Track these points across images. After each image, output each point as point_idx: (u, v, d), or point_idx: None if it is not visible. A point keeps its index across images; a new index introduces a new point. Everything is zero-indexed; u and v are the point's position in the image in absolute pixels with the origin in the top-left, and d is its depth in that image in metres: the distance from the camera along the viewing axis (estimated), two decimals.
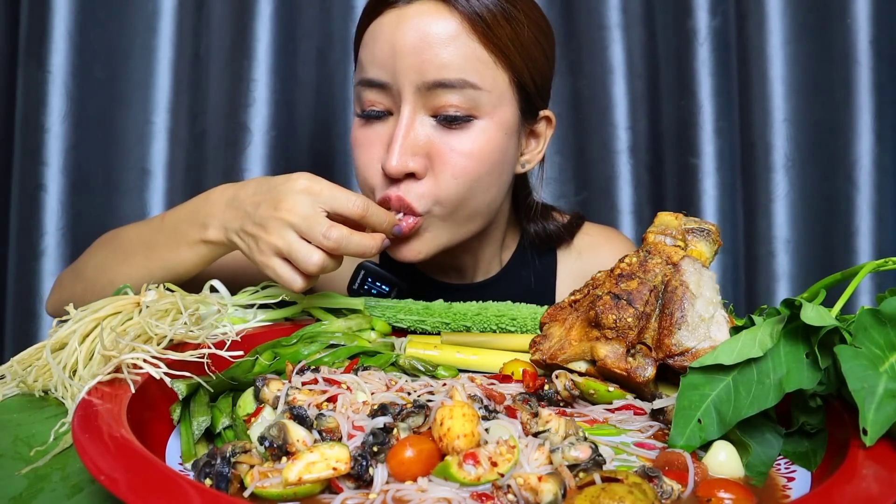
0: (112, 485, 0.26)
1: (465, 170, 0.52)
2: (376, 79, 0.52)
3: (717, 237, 0.45)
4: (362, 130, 0.54)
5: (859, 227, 0.97)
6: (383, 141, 0.52)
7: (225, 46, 0.97)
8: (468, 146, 0.52)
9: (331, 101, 1.02)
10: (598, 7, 0.98)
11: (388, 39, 0.51)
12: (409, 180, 0.52)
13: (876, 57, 0.96)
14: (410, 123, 0.51)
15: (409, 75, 0.50)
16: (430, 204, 0.52)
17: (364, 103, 0.53)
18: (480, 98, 0.51)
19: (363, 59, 0.54)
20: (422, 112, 0.52)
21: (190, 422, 0.36)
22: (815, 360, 0.34)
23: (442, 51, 0.50)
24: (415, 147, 0.51)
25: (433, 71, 0.50)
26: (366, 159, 0.53)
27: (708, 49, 0.95)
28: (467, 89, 0.51)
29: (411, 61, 0.50)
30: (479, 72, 0.51)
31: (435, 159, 0.51)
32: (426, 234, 0.53)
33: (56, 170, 0.93)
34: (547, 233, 0.65)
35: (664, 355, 0.40)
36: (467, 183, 0.52)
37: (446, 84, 0.50)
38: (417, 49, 0.50)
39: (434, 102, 0.51)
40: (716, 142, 0.96)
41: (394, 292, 0.57)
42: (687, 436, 0.34)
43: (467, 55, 0.51)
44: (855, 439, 0.32)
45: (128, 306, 0.43)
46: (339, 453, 0.30)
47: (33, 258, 0.93)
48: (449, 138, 0.52)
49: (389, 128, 0.53)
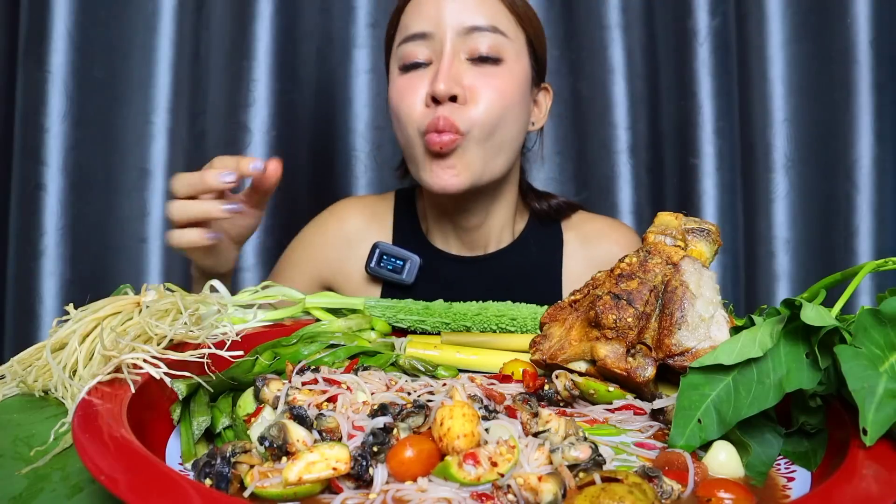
0: (112, 485, 0.26)
1: (498, 100, 0.62)
2: (421, 30, 0.62)
3: (717, 237, 0.45)
4: (405, 79, 0.64)
5: (859, 227, 0.97)
6: (424, 84, 0.62)
7: (225, 47, 0.97)
8: (498, 81, 0.62)
9: (331, 102, 1.02)
10: (599, 7, 0.98)
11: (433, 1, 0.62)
12: (451, 104, 0.61)
13: (876, 57, 0.96)
14: (451, 59, 0.61)
15: (451, 21, 0.62)
16: (469, 124, 0.61)
17: (406, 57, 0.63)
18: (506, 45, 0.63)
19: (407, 22, 0.64)
20: (460, 54, 0.62)
21: (190, 422, 0.36)
22: (815, 360, 0.34)
23: (477, 5, 0.62)
24: (456, 77, 0.61)
25: (470, 18, 0.62)
26: (410, 101, 0.62)
27: (708, 49, 0.95)
28: (497, 35, 0.62)
29: (452, 10, 0.62)
30: (505, 24, 0.63)
31: (472, 90, 0.62)
32: (463, 158, 0.62)
33: (56, 169, 0.93)
34: (551, 206, 0.74)
35: (664, 355, 0.40)
36: (499, 111, 0.62)
37: (481, 28, 0.62)
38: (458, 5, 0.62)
39: (470, 45, 0.62)
40: (715, 142, 0.96)
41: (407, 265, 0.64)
42: (687, 436, 0.34)
43: (496, 10, 0.63)
44: (855, 439, 0.32)
45: (128, 306, 0.43)
46: (339, 453, 0.30)
47: (33, 258, 0.93)
48: (483, 74, 0.62)
49: (430, 72, 0.62)
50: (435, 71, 0.61)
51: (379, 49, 1.01)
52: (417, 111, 0.62)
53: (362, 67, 1.01)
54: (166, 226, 0.98)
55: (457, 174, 0.61)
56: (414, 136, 0.62)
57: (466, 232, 0.70)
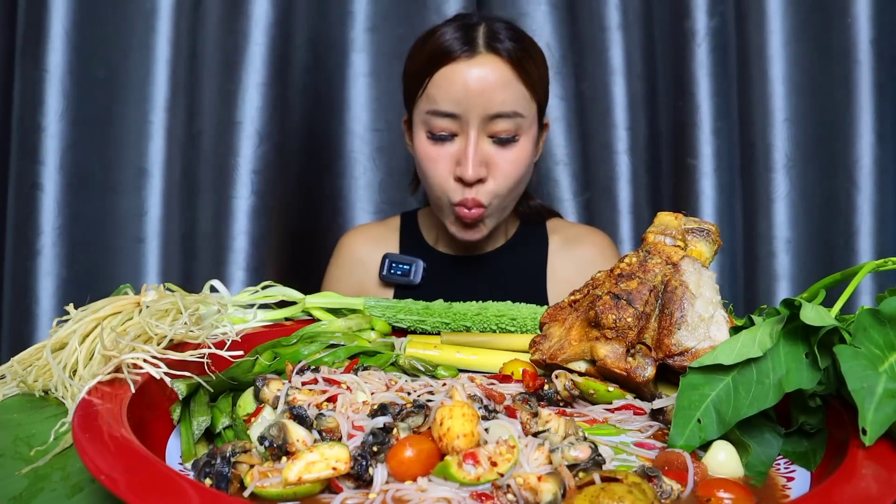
0: (112, 484, 0.26)
1: (514, 174, 0.73)
2: (450, 111, 0.71)
3: (716, 237, 0.45)
4: (433, 149, 0.73)
5: (860, 227, 0.97)
6: (451, 156, 0.73)
7: (223, 45, 0.97)
8: (515, 157, 0.73)
9: (330, 105, 1.02)
10: (600, 9, 0.98)
11: (461, 82, 0.70)
12: (478, 184, 0.72)
13: (877, 56, 0.96)
14: (476, 143, 0.71)
15: (477, 109, 0.70)
16: (491, 198, 0.73)
17: (435, 128, 0.73)
18: (522, 123, 0.73)
19: (436, 95, 0.72)
20: (482, 134, 0.72)
21: (190, 422, 0.36)
22: (815, 360, 0.34)
23: (501, 93, 0.71)
24: (481, 160, 0.72)
25: (495, 106, 0.71)
26: (440, 171, 0.73)
27: (706, 50, 0.95)
28: (516, 118, 0.72)
29: (479, 100, 0.70)
30: (522, 105, 0.72)
31: (493, 168, 0.72)
32: (486, 221, 0.75)
33: (53, 169, 0.93)
34: (532, 208, 0.86)
35: (664, 355, 0.40)
36: (514, 182, 0.74)
37: (503, 115, 0.71)
38: (484, 91, 0.70)
39: (492, 128, 0.71)
40: (713, 142, 0.96)
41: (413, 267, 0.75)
42: (686, 436, 0.34)
43: (516, 94, 0.72)
44: (854, 439, 0.32)
45: (128, 306, 0.43)
46: (338, 453, 0.30)
47: (30, 257, 0.93)
48: (502, 153, 0.73)
49: (455, 146, 0.73)
50: (462, 150, 0.71)
51: (378, 53, 1.01)
52: (447, 182, 0.73)
53: (360, 71, 1.01)
54: (164, 225, 0.98)
55: (478, 231, 0.76)
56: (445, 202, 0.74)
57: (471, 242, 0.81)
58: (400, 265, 0.79)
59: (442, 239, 0.83)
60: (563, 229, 0.86)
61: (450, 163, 0.72)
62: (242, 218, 0.94)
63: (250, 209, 0.94)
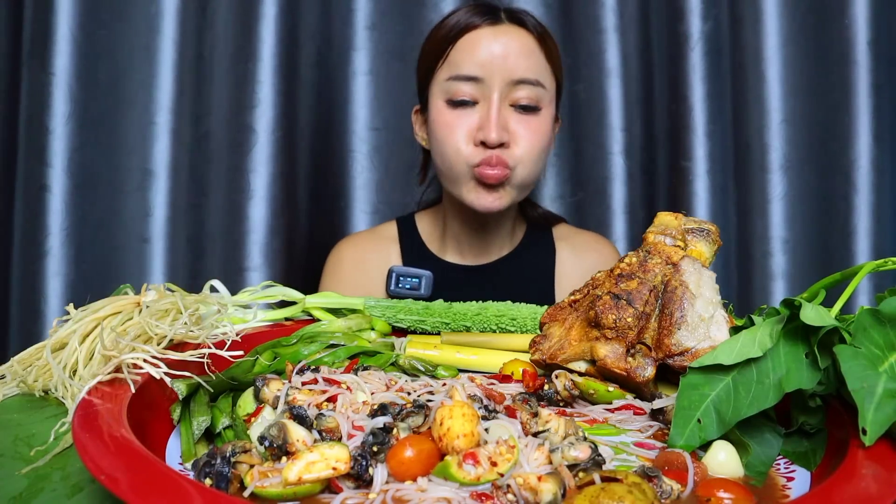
0: (112, 484, 0.26)
1: (537, 143, 0.72)
2: (473, 74, 0.69)
3: (716, 237, 0.45)
4: (452, 115, 0.71)
5: (857, 227, 0.97)
6: (471, 122, 0.70)
7: (229, 48, 0.97)
8: (536, 126, 0.72)
9: (331, 103, 1.02)
10: (596, 11, 0.98)
11: (486, 46, 0.69)
12: (500, 148, 0.70)
13: (874, 58, 0.96)
14: (499, 107, 0.69)
15: (502, 73, 0.69)
16: (515, 162, 0.71)
17: (456, 94, 0.71)
18: (543, 95, 0.72)
19: (458, 60, 0.70)
20: (504, 101, 0.70)
21: (190, 422, 0.36)
22: (815, 360, 0.34)
23: (525, 59, 0.70)
24: (504, 124, 0.70)
25: (519, 72, 0.70)
26: (458, 136, 0.71)
27: (699, 53, 0.96)
28: (538, 87, 0.71)
29: (504, 63, 0.69)
30: (544, 76, 0.72)
31: (514, 135, 0.71)
32: (506, 189, 0.72)
33: (60, 171, 0.94)
34: (540, 214, 0.85)
35: (664, 355, 0.40)
36: (538, 152, 0.72)
37: (526, 81, 0.70)
38: (508, 55, 0.69)
39: (514, 95, 0.70)
40: (707, 145, 0.96)
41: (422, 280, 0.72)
42: (686, 436, 0.34)
43: (539, 64, 0.72)
44: (854, 439, 0.32)
45: (128, 306, 0.43)
46: (338, 453, 0.30)
47: (37, 258, 0.93)
48: (524, 121, 0.71)
49: (476, 112, 0.71)
50: (485, 115, 0.70)
51: (377, 51, 1.01)
52: (466, 147, 0.71)
53: (361, 69, 1.01)
54: (170, 226, 0.98)
55: (499, 198, 0.72)
56: (462, 167, 0.71)
57: (477, 241, 0.80)
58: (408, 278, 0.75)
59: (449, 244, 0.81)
60: (571, 237, 0.84)
61: (469, 129, 0.70)
62: (249, 218, 0.94)
63: (258, 209, 0.94)
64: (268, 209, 0.95)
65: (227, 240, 0.95)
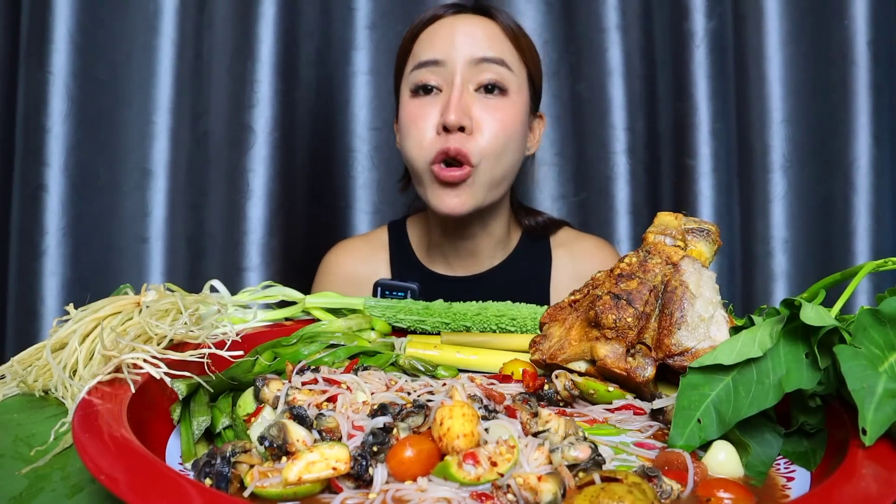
0: (112, 484, 0.26)
1: (502, 130, 0.67)
2: (433, 58, 0.67)
3: (716, 237, 0.45)
4: (416, 105, 0.68)
5: (856, 227, 0.97)
6: (435, 112, 0.67)
7: (228, 47, 0.97)
8: (503, 113, 0.67)
9: (330, 103, 1.02)
10: (598, 9, 0.98)
11: (447, 33, 0.68)
12: (460, 134, 0.65)
13: (873, 58, 0.96)
14: (461, 90, 0.66)
15: (462, 52, 0.67)
16: (479, 157, 0.66)
17: (417, 81, 0.68)
18: (510, 78, 0.68)
19: (420, 50, 0.68)
20: (468, 84, 0.67)
21: (190, 422, 0.36)
22: (815, 360, 0.34)
23: (487, 40, 0.68)
24: (466, 108, 0.66)
25: (480, 50, 0.67)
26: (420, 126, 0.67)
27: (704, 51, 0.96)
28: (503, 67, 0.68)
29: (464, 41, 0.67)
30: (510, 58, 0.69)
31: (479, 121, 0.66)
32: (471, 188, 0.67)
33: (57, 170, 0.93)
34: (538, 223, 0.81)
35: (664, 355, 0.40)
36: (503, 141, 0.67)
37: (489, 59, 0.67)
38: (469, 38, 0.67)
39: (478, 76, 0.67)
40: (712, 143, 0.96)
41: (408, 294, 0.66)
42: (686, 436, 0.34)
43: (503, 47, 0.69)
44: (854, 439, 0.32)
45: (128, 306, 0.43)
46: (338, 453, 0.30)
47: (34, 258, 0.93)
48: (489, 106, 0.67)
49: (439, 100, 0.67)
50: (446, 100, 0.66)
51: (377, 50, 1.01)
52: (427, 139, 0.67)
53: (361, 69, 1.01)
54: (168, 225, 0.98)
55: (462, 202, 0.67)
56: (423, 163, 0.67)
57: (464, 250, 0.75)
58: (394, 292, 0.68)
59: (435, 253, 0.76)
60: (571, 243, 0.80)
61: (433, 119, 0.66)
62: (248, 217, 0.94)
63: (256, 208, 0.94)
64: (266, 209, 0.95)
65: (225, 240, 0.95)
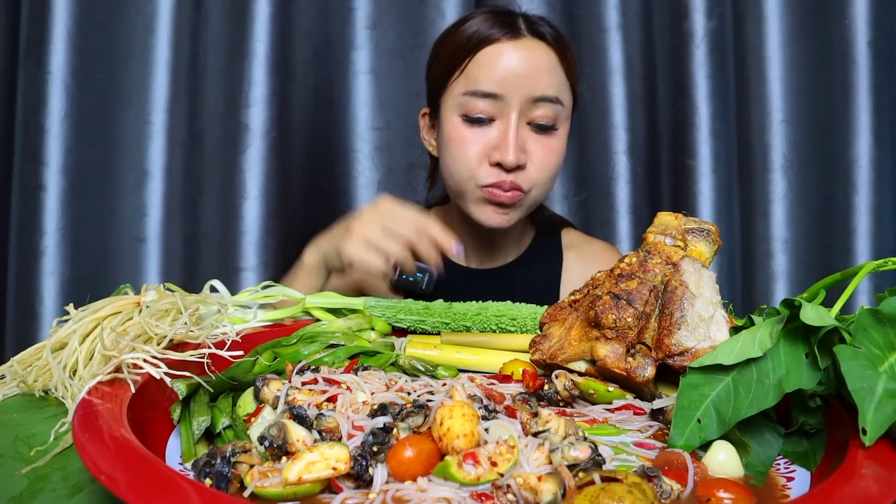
0: (112, 484, 0.26)
1: (552, 164, 0.71)
2: (492, 91, 0.67)
3: (716, 237, 0.45)
4: (468, 131, 0.69)
5: (857, 227, 0.97)
6: (486, 140, 0.68)
7: (224, 48, 0.97)
8: (553, 146, 0.70)
9: (330, 103, 1.02)
10: (599, 9, 0.98)
11: (506, 62, 0.67)
12: (516, 170, 0.68)
13: (874, 58, 0.96)
14: (517, 127, 0.68)
15: (522, 91, 0.67)
16: (530, 186, 0.70)
17: (472, 110, 0.68)
18: (561, 112, 0.70)
19: (477, 75, 0.68)
20: (522, 119, 0.68)
21: (190, 422, 0.36)
22: (815, 360, 0.34)
23: (546, 76, 0.68)
24: (521, 145, 0.68)
25: (540, 89, 0.68)
26: (472, 154, 0.69)
27: (704, 51, 0.96)
28: (557, 105, 0.69)
29: (524, 81, 0.67)
30: (563, 93, 0.70)
31: (532, 156, 0.69)
32: (517, 209, 0.71)
33: (56, 170, 0.93)
34: (546, 217, 0.84)
35: (664, 355, 0.40)
36: (551, 173, 0.71)
37: (546, 99, 0.68)
38: (530, 73, 0.67)
39: (533, 113, 0.69)
40: (712, 143, 0.96)
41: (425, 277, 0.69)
42: (686, 436, 0.34)
43: (559, 81, 0.70)
44: (854, 439, 0.32)
45: (128, 306, 0.43)
46: (338, 453, 0.30)
47: (33, 258, 0.93)
48: (541, 141, 0.70)
49: (492, 130, 0.69)
50: (502, 135, 0.67)
51: (378, 50, 1.01)
52: (479, 164, 0.69)
53: (361, 69, 1.01)
54: (166, 225, 0.97)
55: (508, 219, 0.71)
56: (471, 186, 0.70)
57: (484, 246, 0.79)
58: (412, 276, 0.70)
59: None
60: (580, 245, 0.83)
61: (484, 147, 0.68)
62: (245, 217, 0.94)
63: (253, 209, 0.94)
64: (263, 209, 0.95)
65: (222, 239, 0.95)
